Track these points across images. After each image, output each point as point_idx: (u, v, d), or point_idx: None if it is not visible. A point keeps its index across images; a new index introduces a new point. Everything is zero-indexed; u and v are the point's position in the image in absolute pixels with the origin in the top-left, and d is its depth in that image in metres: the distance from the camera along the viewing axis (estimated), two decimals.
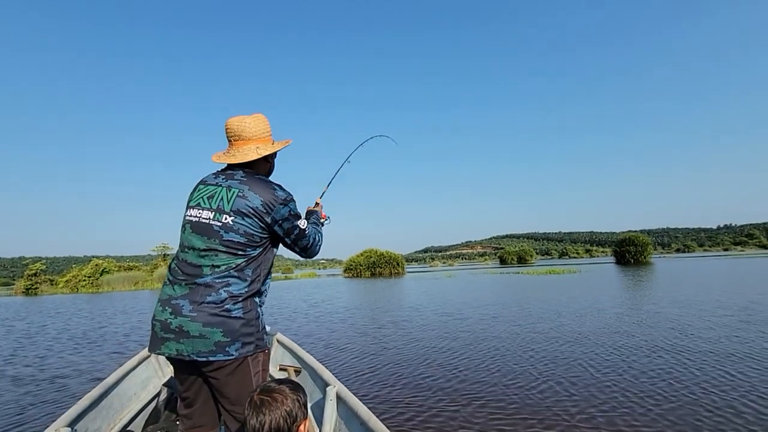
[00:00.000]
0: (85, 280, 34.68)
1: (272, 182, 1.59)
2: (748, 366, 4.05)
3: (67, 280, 35.50)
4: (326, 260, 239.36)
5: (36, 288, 35.06)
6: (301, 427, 1.20)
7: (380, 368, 4.68)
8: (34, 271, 36.02)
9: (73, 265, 39.14)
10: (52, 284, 37.00)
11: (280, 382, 1.24)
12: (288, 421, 1.15)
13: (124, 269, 37.19)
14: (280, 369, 2.91)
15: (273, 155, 1.72)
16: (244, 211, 1.46)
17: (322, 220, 1.98)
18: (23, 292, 34.80)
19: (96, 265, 35.88)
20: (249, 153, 1.58)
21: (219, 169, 1.65)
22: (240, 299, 1.45)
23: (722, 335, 5.42)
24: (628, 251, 36.76)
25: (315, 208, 1.97)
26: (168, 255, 41.94)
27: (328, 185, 2.28)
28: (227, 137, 1.63)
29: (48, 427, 1.74)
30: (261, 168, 1.66)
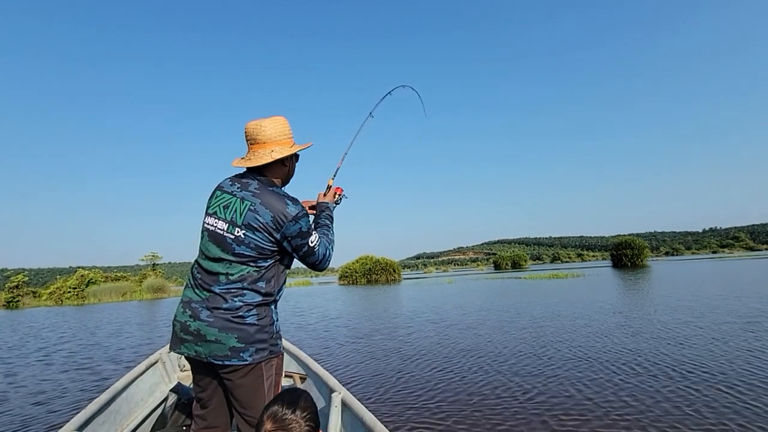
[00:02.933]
0: (69, 292, 33.32)
1: (286, 196, 1.56)
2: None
3: (51, 292, 34.08)
4: None
5: (18, 301, 33.64)
6: None
7: (386, 376, 4.58)
8: (15, 283, 34.62)
9: (58, 277, 37.62)
10: (35, 296, 35.62)
11: (294, 406, 1.15)
12: None
13: (111, 280, 35.92)
14: (286, 375, 2.91)
15: (291, 159, 1.68)
16: (254, 225, 1.48)
17: (338, 196, 1.90)
18: (4, 305, 33.33)
19: (81, 275, 34.58)
20: (263, 156, 1.56)
21: (237, 174, 1.65)
22: (254, 306, 1.48)
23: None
24: (625, 254, 36.80)
25: (325, 199, 1.86)
26: (157, 265, 40.84)
27: (344, 157, 2.05)
28: (246, 141, 1.62)
29: (57, 431, 1.80)
30: (278, 172, 1.64)
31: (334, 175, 1.95)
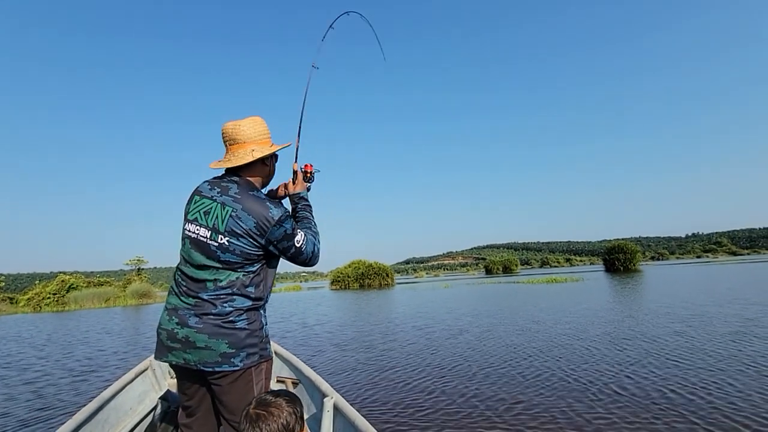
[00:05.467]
0: (49, 298, 31.84)
1: (267, 200, 1.53)
2: None
3: (29, 298, 32.56)
4: (307, 273, 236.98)
5: None
6: None
7: (381, 381, 4.58)
8: None
9: (37, 282, 36.07)
10: (12, 303, 34.10)
11: (276, 394, 1.23)
12: None
13: (94, 285, 34.55)
14: (278, 381, 2.90)
15: (271, 158, 1.66)
16: (237, 231, 1.45)
17: (309, 174, 1.80)
18: None
19: (62, 281, 33.17)
20: (244, 156, 1.54)
21: (215, 176, 1.61)
22: (244, 311, 1.47)
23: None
24: (618, 259, 36.85)
25: (296, 189, 1.74)
26: (143, 269, 39.66)
27: (300, 129, 1.85)
28: (224, 142, 1.59)
29: None
30: (259, 172, 1.62)
31: (296, 157, 1.80)
